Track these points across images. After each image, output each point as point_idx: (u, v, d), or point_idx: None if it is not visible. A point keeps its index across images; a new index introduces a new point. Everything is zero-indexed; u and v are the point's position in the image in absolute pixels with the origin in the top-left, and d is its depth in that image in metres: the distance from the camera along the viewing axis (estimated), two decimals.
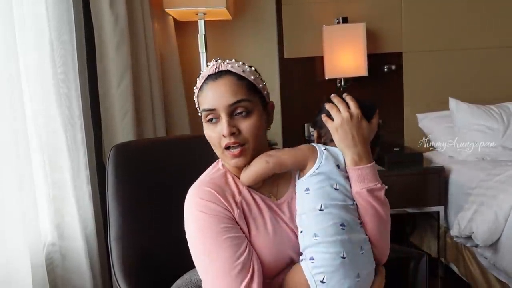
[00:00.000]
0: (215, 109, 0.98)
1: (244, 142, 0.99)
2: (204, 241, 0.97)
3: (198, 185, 1.05)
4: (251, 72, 1.03)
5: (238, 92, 0.99)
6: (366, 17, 2.72)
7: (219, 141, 0.99)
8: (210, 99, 0.99)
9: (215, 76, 1.00)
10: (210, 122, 1.01)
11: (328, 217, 0.94)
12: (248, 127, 0.99)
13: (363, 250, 0.96)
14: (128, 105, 1.87)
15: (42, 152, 1.48)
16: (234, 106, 0.98)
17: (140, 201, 1.35)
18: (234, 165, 1.01)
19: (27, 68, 1.43)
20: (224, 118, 0.98)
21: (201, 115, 1.04)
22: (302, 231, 0.98)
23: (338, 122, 0.99)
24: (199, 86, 1.04)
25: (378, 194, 0.98)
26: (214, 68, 1.01)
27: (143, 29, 2.05)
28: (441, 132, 2.65)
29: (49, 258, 1.50)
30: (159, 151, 1.47)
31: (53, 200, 1.51)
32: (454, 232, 2.12)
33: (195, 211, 1.00)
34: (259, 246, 0.99)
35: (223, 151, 1.00)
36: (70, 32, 1.59)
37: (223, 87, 0.99)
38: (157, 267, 1.30)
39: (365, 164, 0.98)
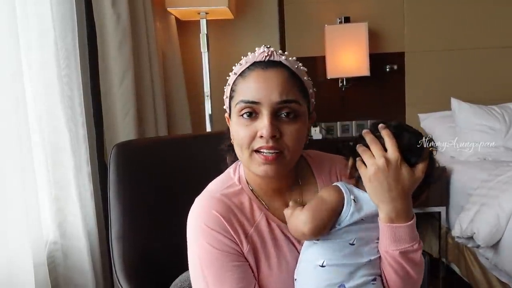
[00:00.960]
0: (259, 102, 0.82)
1: (283, 149, 0.83)
2: (208, 279, 0.84)
3: (205, 203, 0.90)
4: (304, 72, 0.89)
5: (289, 91, 0.83)
6: (368, 16, 2.72)
7: (251, 141, 0.83)
8: (255, 89, 0.83)
9: (265, 65, 0.85)
10: (244, 117, 0.84)
11: (328, 276, 0.81)
12: (292, 133, 0.83)
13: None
14: (129, 104, 1.87)
15: (45, 151, 1.48)
16: (282, 104, 0.83)
17: (141, 200, 1.35)
18: (263, 172, 0.84)
19: (31, 67, 1.44)
20: (267, 116, 0.82)
21: (229, 107, 0.90)
22: (296, 279, 0.86)
23: (372, 172, 0.80)
24: (238, 72, 0.88)
25: (413, 256, 0.82)
26: (264, 55, 0.86)
27: (145, 28, 2.05)
28: (443, 132, 2.65)
29: (51, 256, 1.50)
30: (161, 150, 1.46)
31: (55, 199, 1.51)
32: (456, 232, 2.12)
33: (201, 240, 0.86)
34: (269, 286, 0.86)
35: (251, 154, 0.84)
36: (73, 31, 1.60)
37: (274, 79, 0.83)
38: (158, 266, 1.30)
39: (403, 222, 0.80)
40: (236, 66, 0.90)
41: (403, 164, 0.81)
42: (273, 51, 0.87)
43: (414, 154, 0.82)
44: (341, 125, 2.80)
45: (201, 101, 2.41)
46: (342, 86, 2.73)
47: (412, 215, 0.82)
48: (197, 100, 2.55)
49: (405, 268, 0.82)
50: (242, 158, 0.87)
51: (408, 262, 0.82)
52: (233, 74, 0.90)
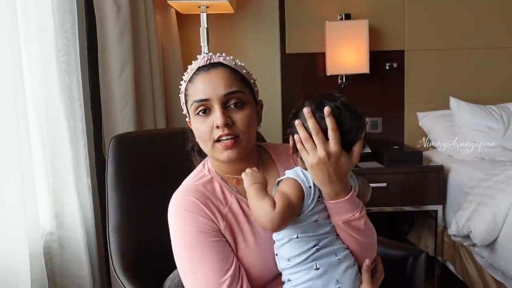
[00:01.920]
0: (209, 99, 0.96)
1: (238, 134, 0.96)
2: (191, 256, 0.95)
3: (182, 193, 1.02)
4: (242, 66, 1.02)
5: (232, 83, 0.97)
6: (369, 14, 2.71)
7: (210, 133, 0.96)
8: (203, 89, 0.97)
9: (207, 68, 0.99)
10: (200, 115, 0.98)
11: (302, 244, 0.92)
12: (242, 119, 0.96)
13: (338, 256, 0.93)
14: (128, 96, 1.87)
15: (43, 141, 1.48)
16: (228, 96, 0.96)
17: (138, 192, 1.35)
18: (226, 157, 0.97)
19: (30, 58, 1.43)
20: (218, 108, 0.95)
21: (187, 110, 1.02)
22: (277, 254, 0.96)
23: (314, 162, 0.89)
24: (187, 79, 1.01)
25: (356, 224, 0.93)
26: (205, 60, 0.99)
27: (145, 20, 2.04)
28: (441, 131, 2.65)
29: (47, 247, 1.50)
30: (159, 142, 1.46)
31: (52, 190, 1.51)
32: (452, 231, 2.13)
33: (181, 224, 0.97)
34: (247, 259, 0.97)
35: (213, 144, 0.97)
36: (73, 22, 1.59)
37: (216, 77, 0.97)
38: (154, 258, 1.30)
39: (341, 198, 0.91)
40: (184, 75, 1.03)
41: (342, 153, 0.90)
42: (211, 55, 1.00)
43: (352, 136, 0.91)
44: None
45: None
46: (341, 83, 2.73)
47: (350, 189, 0.93)
48: None
49: (351, 234, 0.94)
50: (206, 150, 1.01)
51: (353, 229, 0.93)
52: (183, 82, 1.03)
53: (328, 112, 0.89)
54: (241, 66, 1.02)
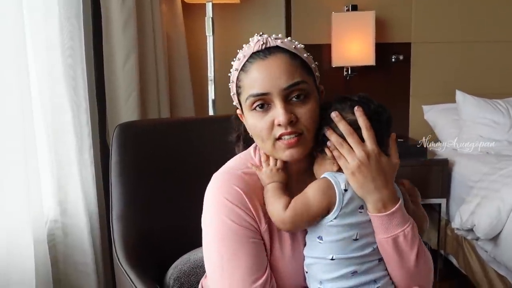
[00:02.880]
0: (268, 93, 0.82)
1: (302, 130, 0.84)
2: (223, 252, 0.84)
3: (225, 177, 0.89)
4: (303, 49, 0.89)
5: (294, 73, 0.83)
6: (375, 5, 2.68)
7: (270, 131, 0.84)
8: (260, 81, 0.83)
9: (263, 54, 0.85)
10: (257, 110, 0.85)
11: (338, 267, 0.83)
12: (306, 114, 0.84)
13: (378, 283, 0.84)
14: (133, 86, 1.86)
15: (47, 130, 1.49)
16: (290, 89, 0.83)
17: (142, 181, 1.35)
18: (289, 156, 0.85)
19: (35, 47, 1.43)
20: (279, 103, 0.82)
21: (239, 102, 0.90)
22: (307, 272, 0.88)
23: (355, 166, 0.81)
24: (239, 67, 0.87)
25: (405, 244, 0.82)
26: (260, 44, 0.85)
27: (150, 9, 2.03)
28: (446, 124, 2.64)
29: (51, 234, 1.51)
30: (163, 132, 1.46)
31: (56, 177, 1.52)
32: (456, 224, 2.12)
33: (219, 213, 0.86)
34: (280, 269, 0.87)
35: (274, 143, 0.85)
36: (78, 11, 1.58)
37: (275, 66, 0.83)
38: (157, 246, 1.30)
39: (390, 208, 0.81)
40: (235, 61, 0.90)
41: (381, 154, 0.83)
42: (267, 38, 0.87)
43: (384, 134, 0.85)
44: None
45: (205, 85, 2.40)
46: (347, 75, 2.71)
47: (398, 198, 0.84)
48: (201, 84, 2.54)
49: (398, 257, 0.83)
50: (265, 148, 0.88)
51: (402, 251, 0.83)
52: (234, 71, 0.89)
53: (360, 111, 0.83)
54: (301, 49, 0.88)
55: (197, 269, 1.20)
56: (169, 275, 1.22)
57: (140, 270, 1.16)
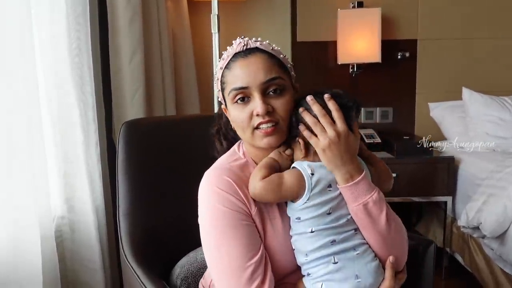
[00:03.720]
0: (248, 87, 0.93)
1: (278, 120, 0.94)
2: (218, 236, 0.93)
3: (215, 172, 0.99)
4: (279, 51, 0.99)
5: (271, 70, 0.94)
6: (382, 2, 2.67)
7: (250, 121, 0.94)
8: (241, 76, 0.94)
9: (244, 54, 0.96)
10: (239, 103, 0.95)
11: (318, 238, 0.92)
12: (282, 106, 0.94)
13: (357, 251, 0.93)
14: (139, 83, 1.87)
15: (54, 126, 1.49)
16: (268, 83, 0.93)
17: (148, 178, 1.36)
18: (267, 144, 0.95)
19: (42, 41, 1.44)
20: (258, 96, 0.93)
21: (223, 97, 1.00)
22: (294, 249, 0.96)
23: (326, 144, 0.90)
24: (223, 66, 0.98)
25: (375, 209, 0.92)
26: (241, 46, 0.96)
27: (156, 6, 2.03)
28: (452, 122, 2.63)
29: (58, 230, 1.52)
30: (170, 129, 1.47)
31: (63, 174, 1.53)
32: (462, 222, 2.11)
33: (212, 201, 0.95)
34: (274, 247, 0.95)
35: (253, 131, 0.95)
36: (84, 6, 1.59)
37: (255, 64, 0.94)
38: (164, 243, 1.31)
39: (356, 178, 0.91)
40: (220, 61, 1.00)
41: (349, 133, 0.92)
42: (247, 40, 0.97)
43: (351, 116, 0.94)
44: None
45: (210, 82, 2.40)
46: (352, 72, 2.70)
47: (362, 169, 0.93)
48: (206, 82, 2.54)
49: (372, 224, 0.92)
50: (245, 137, 0.98)
51: (373, 216, 0.92)
52: (219, 69, 0.99)
53: (328, 96, 0.93)
54: (278, 50, 0.99)
55: (204, 269, 1.20)
56: (176, 274, 1.22)
57: (146, 267, 1.17)
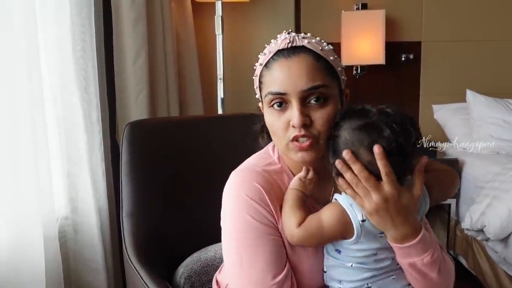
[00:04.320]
0: (286, 93, 0.82)
1: (315, 135, 0.83)
2: (242, 248, 0.85)
3: (246, 174, 0.89)
4: (330, 51, 0.87)
5: (315, 76, 0.82)
6: (386, 4, 2.67)
7: (285, 132, 0.84)
8: (281, 80, 0.83)
9: (288, 53, 0.84)
10: (275, 108, 0.84)
11: (357, 273, 0.84)
12: (322, 118, 0.82)
13: (393, 276, 0.85)
14: (143, 84, 1.87)
15: (58, 126, 1.50)
16: (309, 91, 0.82)
17: (152, 179, 1.36)
18: (301, 159, 0.84)
19: (46, 42, 1.44)
20: (296, 105, 0.81)
21: (261, 97, 0.90)
22: (326, 271, 0.88)
23: (372, 209, 0.77)
24: (263, 63, 0.87)
25: (425, 269, 0.81)
26: (286, 42, 0.84)
27: (160, 8, 2.03)
28: (456, 124, 2.62)
29: (62, 231, 1.52)
30: (174, 130, 1.47)
31: (67, 175, 1.53)
32: (466, 224, 2.11)
33: (238, 210, 0.86)
34: (302, 267, 0.87)
35: (288, 143, 0.84)
36: (89, 7, 1.59)
37: (297, 67, 0.82)
38: (167, 244, 1.31)
39: (409, 241, 0.79)
40: (261, 56, 0.89)
41: (401, 195, 0.77)
42: (294, 36, 0.85)
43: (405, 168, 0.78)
44: None
45: (214, 83, 2.40)
46: (356, 74, 2.70)
47: (420, 228, 0.80)
48: (210, 83, 2.54)
49: (418, 277, 0.83)
50: (279, 147, 0.88)
51: (421, 273, 0.82)
52: (258, 65, 0.89)
53: (380, 153, 0.74)
54: (328, 51, 0.86)
55: (208, 268, 1.20)
56: (180, 273, 1.23)
57: (149, 268, 1.17)
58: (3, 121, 1.22)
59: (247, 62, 2.68)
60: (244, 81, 2.75)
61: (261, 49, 0.91)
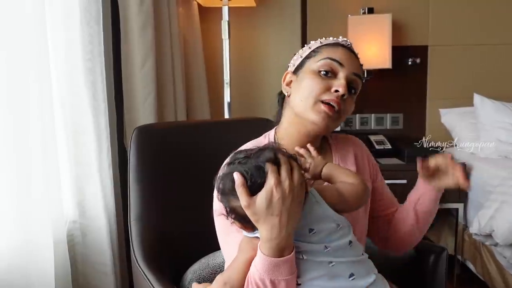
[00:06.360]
0: (343, 64, 0.98)
1: (341, 111, 0.97)
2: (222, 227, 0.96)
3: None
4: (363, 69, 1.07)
5: (360, 71, 1.02)
6: (392, 8, 2.67)
7: (321, 93, 0.96)
8: (342, 56, 0.99)
9: (348, 48, 1.02)
10: (321, 75, 0.98)
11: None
12: (350, 103, 1.00)
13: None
14: (150, 88, 1.88)
15: (66, 130, 1.51)
16: (356, 77, 0.99)
17: (160, 182, 1.36)
18: (320, 120, 0.96)
19: (56, 47, 1.45)
20: (344, 77, 0.97)
21: (301, 65, 1.04)
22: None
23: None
24: (324, 42, 1.04)
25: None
26: (347, 42, 1.04)
27: (167, 13, 2.05)
28: (464, 128, 2.61)
29: (70, 235, 1.53)
30: (181, 134, 1.47)
31: (75, 179, 1.54)
32: (474, 229, 2.09)
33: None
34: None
35: (316, 103, 0.96)
36: (97, 13, 1.60)
37: (354, 58, 1.01)
38: (175, 249, 1.31)
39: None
40: (317, 41, 1.06)
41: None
42: (351, 43, 1.05)
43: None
44: (360, 117, 2.78)
45: (220, 88, 2.41)
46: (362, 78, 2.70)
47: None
48: (216, 87, 2.55)
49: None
50: (303, 104, 0.98)
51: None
52: (317, 42, 1.05)
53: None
54: (362, 67, 1.05)
55: (216, 274, 1.19)
56: (188, 279, 1.23)
57: (158, 272, 1.17)
58: (13, 126, 1.23)
59: (253, 67, 2.71)
60: (250, 85, 2.76)
61: (268, 53, 1.05)
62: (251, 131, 1.12)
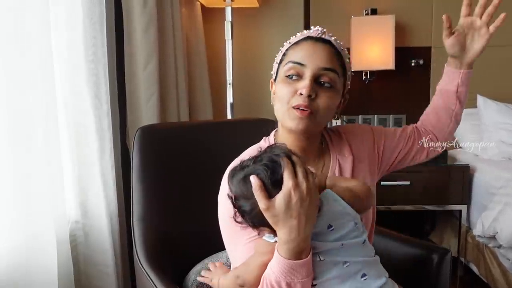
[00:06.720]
0: (305, 65, 0.95)
1: (315, 110, 0.95)
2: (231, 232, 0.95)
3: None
4: (346, 55, 1.02)
5: (333, 62, 0.96)
6: (395, 9, 2.67)
7: (290, 98, 0.95)
8: (304, 54, 0.96)
9: (316, 40, 0.98)
10: (288, 78, 0.97)
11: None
12: (326, 97, 0.95)
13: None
14: (153, 89, 1.88)
15: (69, 130, 1.51)
16: (323, 71, 0.95)
17: (163, 183, 1.37)
18: (295, 125, 0.95)
19: (59, 47, 1.45)
20: (308, 78, 0.94)
21: (277, 71, 1.02)
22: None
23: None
24: (293, 42, 1.01)
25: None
26: (317, 32, 1.00)
27: (171, 13, 2.05)
28: (467, 129, 2.60)
29: (72, 235, 1.53)
30: (184, 135, 1.48)
31: (78, 179, 1.54)
32: (477, 231, 2.09)
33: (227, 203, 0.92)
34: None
35: (289, 109, 0.95)
36: (100, 13, 1.60)
37: (321, 50, 0.96)
38: (178, 249, 1.31)
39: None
40: (291, 38, 1.03)
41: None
42: (325, 31, 1.00)
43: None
44: (363, 118, 2.77)
45: (223, 89, 2.41)
46: (365, 79, 2.70)
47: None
48: (219, 88, 2.55)
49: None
50: (280, 113, 0.99)
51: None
52: (287, 43, 1.03)
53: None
54: (345, 53, 1.01)
55: None
56: (191, 280, 1.22)
57: (160, 272, 1.17)
58: (16, 126, 1.23)
59: (256, 67, 2.71)
60: (253, 86, 2.76)
61: (271, 53, 1.04)
62: (254, 132, 1.12)
